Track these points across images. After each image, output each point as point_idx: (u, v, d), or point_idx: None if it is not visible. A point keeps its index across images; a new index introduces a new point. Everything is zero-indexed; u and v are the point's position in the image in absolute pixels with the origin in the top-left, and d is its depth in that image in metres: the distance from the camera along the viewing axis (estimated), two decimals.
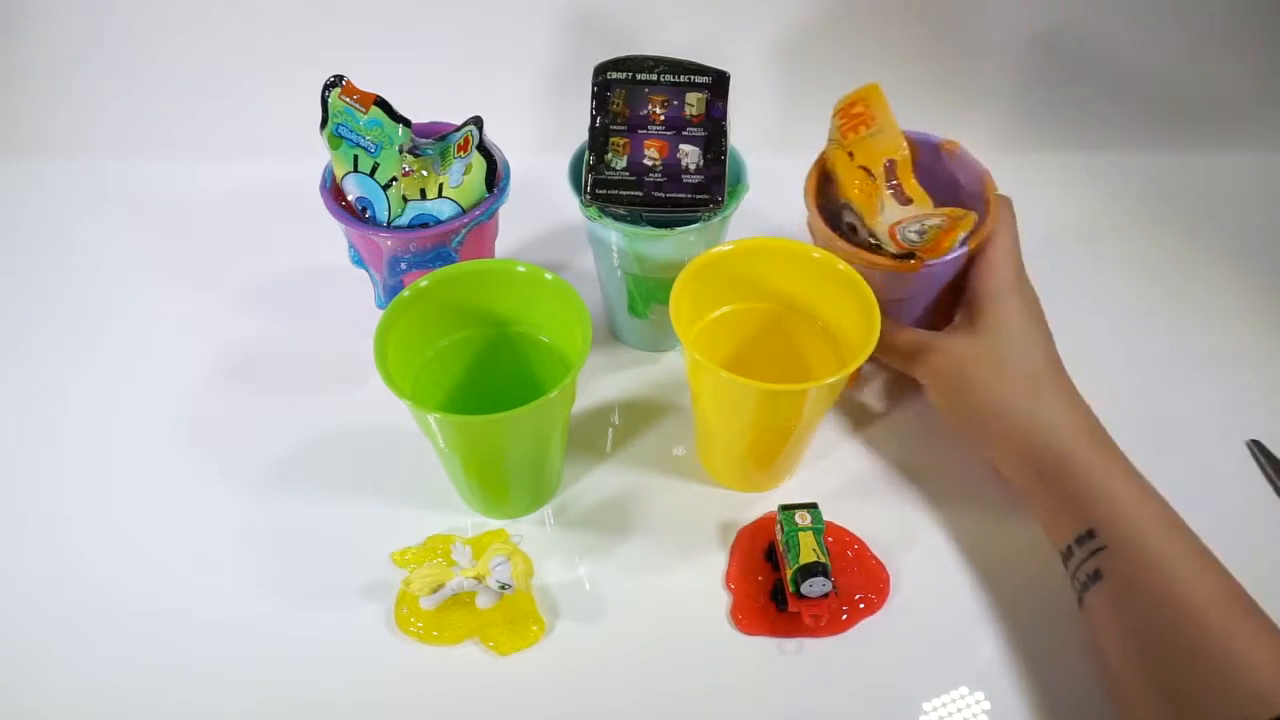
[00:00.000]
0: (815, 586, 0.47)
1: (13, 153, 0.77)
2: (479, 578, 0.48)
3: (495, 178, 0.56)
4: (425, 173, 0.54)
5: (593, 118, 0.55)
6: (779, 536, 0.50)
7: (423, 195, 0.54)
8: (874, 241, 0.53)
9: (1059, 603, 0.49)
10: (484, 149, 0.55)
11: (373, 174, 0.54)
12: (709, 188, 0.54)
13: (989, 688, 0.48)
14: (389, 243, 0.54)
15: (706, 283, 0.52)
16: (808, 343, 0.54)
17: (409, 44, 0.75)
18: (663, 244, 0.54)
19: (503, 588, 0.47)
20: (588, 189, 0.54)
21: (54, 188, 0.76)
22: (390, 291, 0.56)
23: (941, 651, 0.49)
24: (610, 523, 0.54)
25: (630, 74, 0.56)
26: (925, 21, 0.75)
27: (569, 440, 0.57)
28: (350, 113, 0.53)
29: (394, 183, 0.54)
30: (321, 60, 0.58)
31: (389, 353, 0.47)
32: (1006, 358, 0.50)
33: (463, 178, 0.54)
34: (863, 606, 0.50)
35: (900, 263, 0.51)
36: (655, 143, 0.55)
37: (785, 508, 0.50)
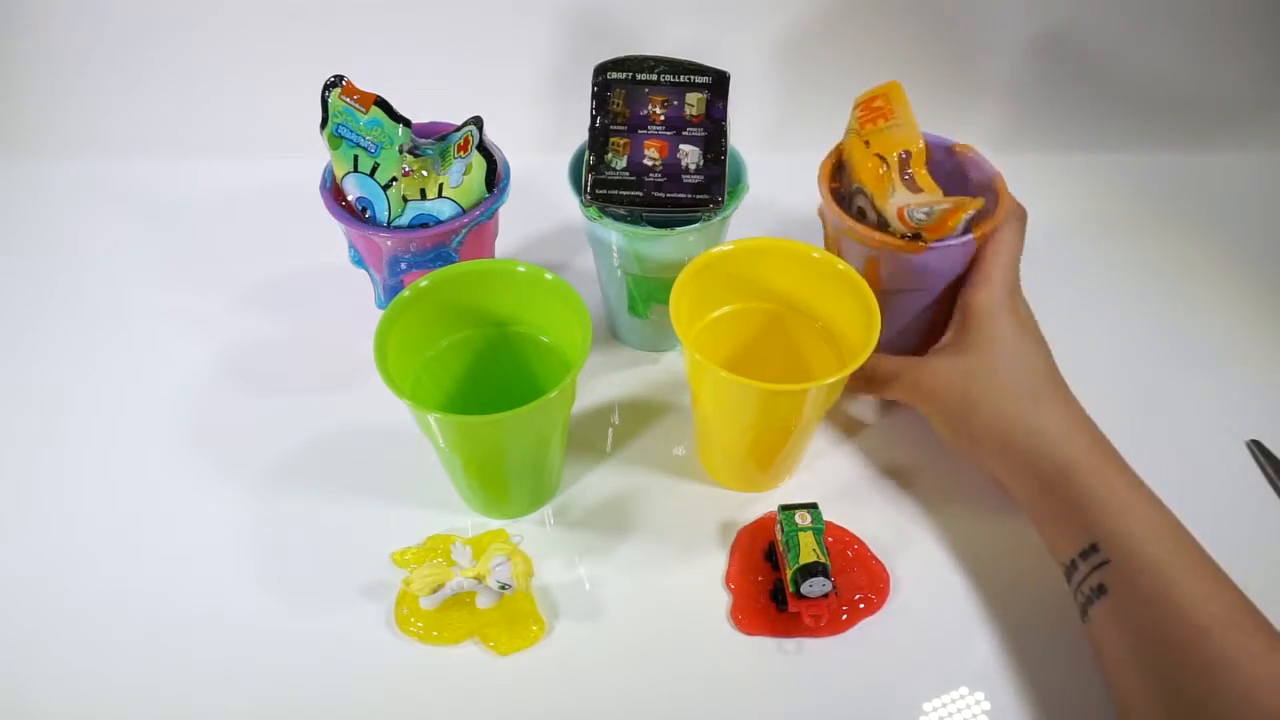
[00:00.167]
0: (815, 586, 0.47)
1: (13, 153, 0.77)
2: (479, 578, 0.48)
3: (495, 178, 0.56)
4: (425, 173, 0.54)
5: (593, 118, 0.55)
6: (779, 536, 0.50)
7: (423, 195, 0.54)
8: (883, 224, 0.53)
9: (1058, 603, 0.49)
10: (484, 149, 0.55)
11: (373, 174, 0.54)
12: (709, 188, 0.54)
13: (989, 688, 0.48)
14: (389, 243, 0.54)
15: (706, 283, 0.52)
16: (808, 343, 0.54)
17: (409, 44, 0.75)
18: (663, 244, 0.54)
19: (503, 588, 0.47)
20: (588, 189, 0.54)
21: (55, 188, 0.76)
22: (390, 291, 0.57)
23: (941, 651, 0.49)
24: (610, 523, 0.54)
25: (630, 74, 0.56)
26: (925, 21, 0.75)
27: (569, 440, 0.57)
28: (350, 113, 0.53)
29: (394, 183, 0.54)
30: (321, 60, 0.58)
31: (389, 353, 0.47)
32: (1001, 372, 0.50)
33: (463, 178, 0.54)
34: (863, 606, 0.50)
35: (907, 243, 0.51)
36: (655, 143, 0.55)
37: (785, 508, 0.50)
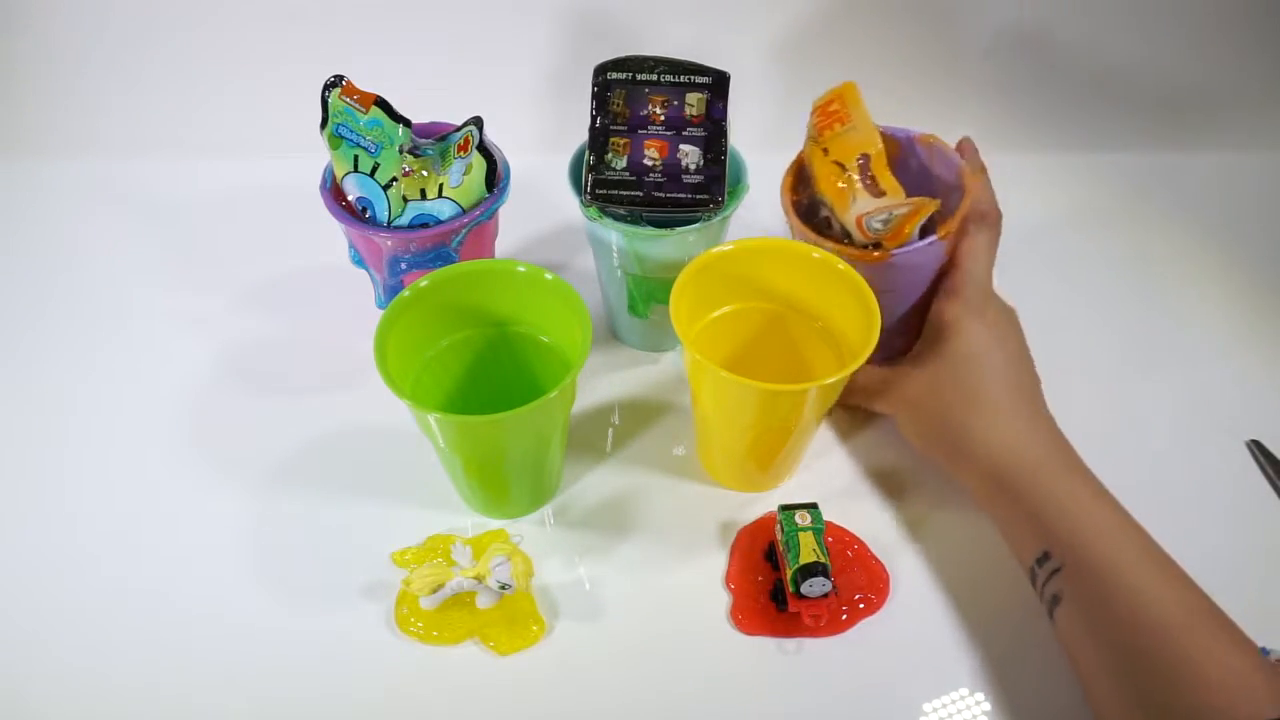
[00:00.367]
0: (815, 586, 0.47)
1: (13, 153, 0.77)
2: (479, 578, 0.48)
3: (495, 178, 0.56)
4: (425, 173, 0.54)
5: (593, 118, 0.55)
6: (779, 536, 0.50)
7: (423, 195, 0.54)
8: (846, 234, 0.53)
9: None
10: (484, 149, 0.55)
11: (373, 174, 0.54)
12: (709, 188, 0.54)
13: (989, 688, 0.48)
14: (389, 243, 0.54)
15: (706, 283, 0.52)
16: (808, 343, 0.54)
17: (409, 44, 0.75)
18: (663, 244, 0.54)
19: (503, 588, 0.47)
20: (588, 189, 0.54)
21: (55, 188, 0.76)
22: (390, 291, 0.56)
23: (941, 651, 0.49)
24: (610, 523, 0.54)
25: (630, 74, 0.56)
26: (925, 22, 0.75)
27: (569, 440, 0.57)
28: (350, 113, 0.53)
29: (394, 183, 0.54)
30: (321, 60, 0.58)
31: (389, 353, 0.47)
32: (963, 383, 0.50)
33: (463, 178, 0.54)
34: (863, 606, 0.50)
35: (865, 252, 0.51)
36: (655, 143, 0.55)
37: (785, 508, 0.50)
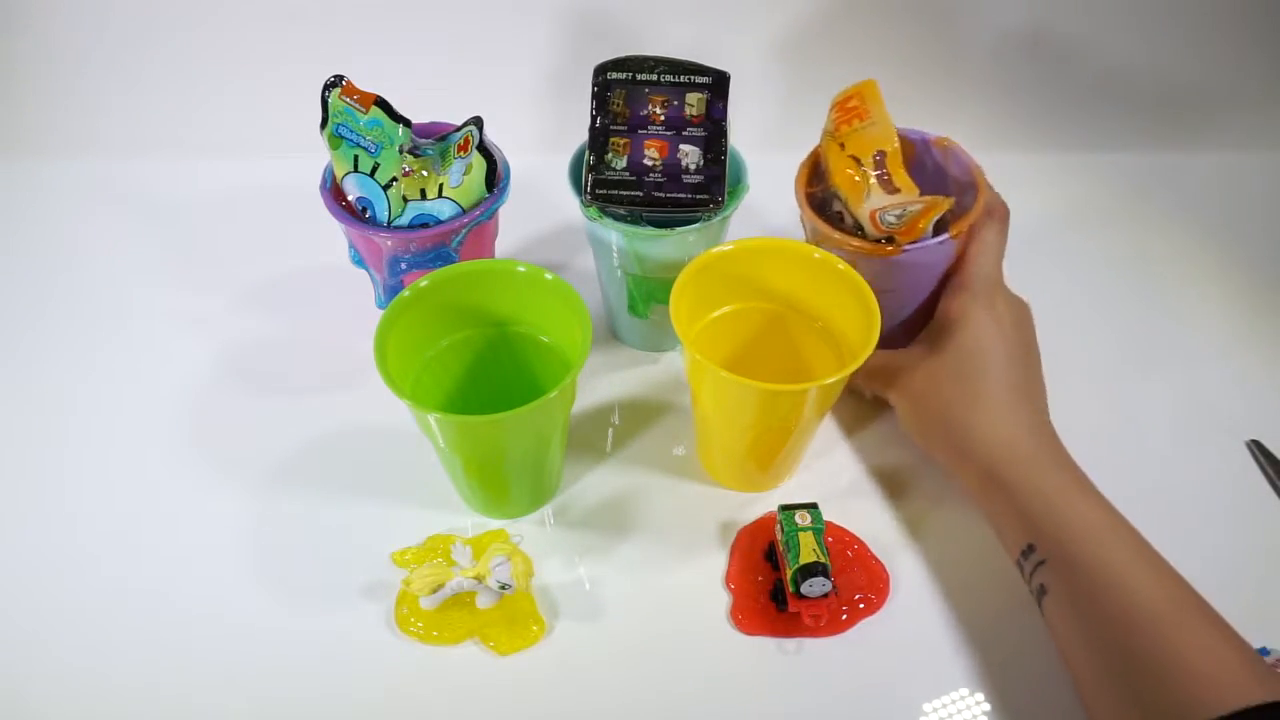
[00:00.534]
0: (815, 586, 0.47)
1: (13, 153, 0.77)
2: (479, 578, 0.48)
3: (495, 178, 0.56)
4: (425, 173, 0.54)
5: (593, 118, 0.55)
6: (779, 536, 0.50)
7: (423, 195, 0.54)
8: (859, 228, 0.53)
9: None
10: (484, 149, 0.55)
11: (373, 174, 0.54)
12: (709, 188, 0.54)
13: (989, 688, 0.48)
14: (389, 243, 0.54)
15: (706, 283, 0.52)
16: (808, 343, 0.54)
17: (409, 44, 0.75)
18: (663, 244, 0.54)
19: (503, 588, 0.47)
20: (588, 189, 0.54)
21: (55, 188, 0.76)
22: (390, 291, 0.57)
23: (941, 651, 0.49)
24: (610, 523, 0.54)
25: (630, 74, 0.56)
26: (926, 22, 0.75)
27: (569, 440, 0.57)
28: (350, 113, 0.53)
29: (394, 183, 0.54)
30: (321, 60, 0.58)
31: (389, 353, 0.47)
32: (958, 375, 0.51)
33: (463, 178, 0.54)
34: (863, 606, 0.50)
35: (878, 246, 0.51)
36: (655, 143, 0.55)
37: (785, 508, 0.50)
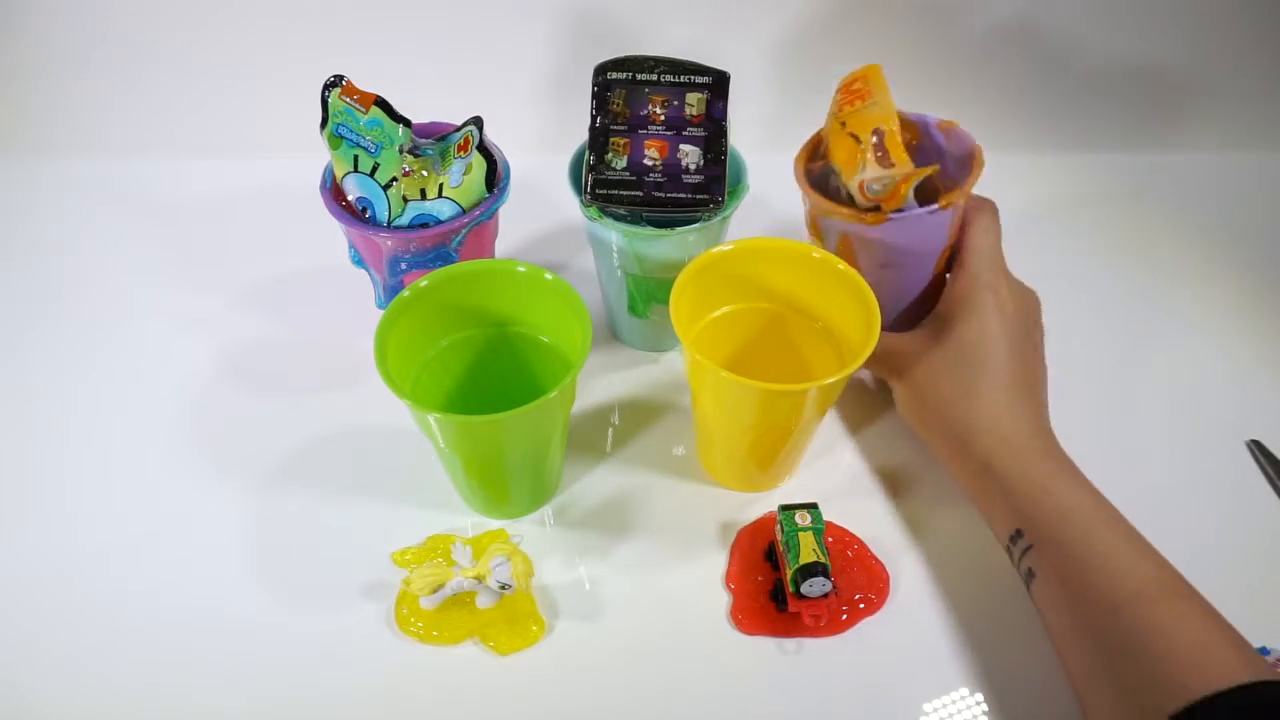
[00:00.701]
0: (815, 586, 0.47)
1: (13, 153, 0.77)
2: (479, 578, 0.48)
3: (495, 178, 0.56)
4: (425, 173, 0.54)
5: (593, 118, 0.55)
6: (779, 536, 0.50)
7: (423, 195, 0.54)
8: (851, 200, 0.53)
9: None
10: (484, 149, 0.55)
11: (373, 174, 0.54)
12: (709, 188, 0.54)
13: (989, 688, 0.48)
14: (389, 243, 0.54)
15: (706, 283, 0.52)
16: (808, 343, 0.54)
17: (409, 44, 0.75)
18: (663, 244, 0.54)
19: (503, 588, 0.47)
20: (588, 189, 0.54)
21: (55, 188, 0.76)
22: (390, 291, 0.57)
23: (941, 651, 0.49)
24: (610, 523, 0.54)
25: (630, 74, 0.56)
26: (925, 22, 0.75)
27: (569, 440, 0.57)
28: (350, 113, 0.53)
29: (394, 183, 0.54)
30: (321, 60, 0.58)
31: (389, 353, 0.47)
32: (957, 361, 0.51)
33: (463, 178, 0.54)
34: (863, 606, 0.50)
35: (863, 214, 0.51)
36: (655, 143, 0.55)
37: (785, 508, 0.50)
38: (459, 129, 0.55)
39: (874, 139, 0.52)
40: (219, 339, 0.64)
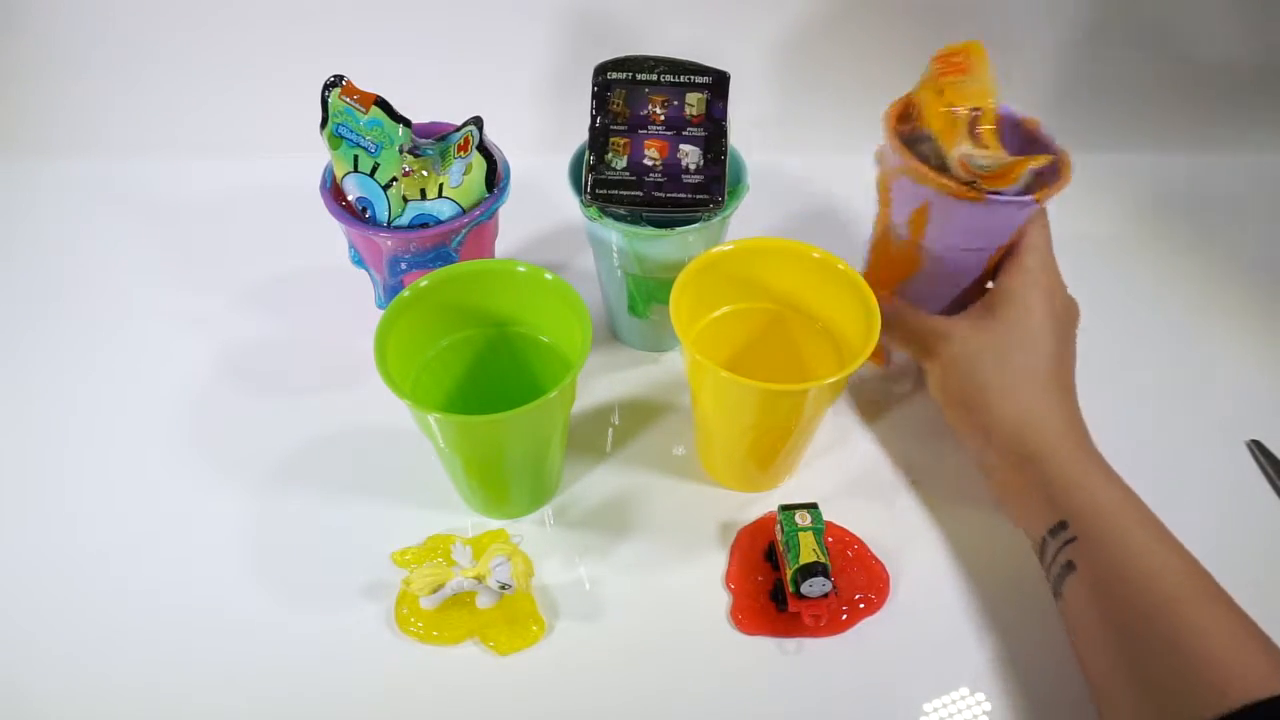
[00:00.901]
0: (815, 586, 0.47)
1: (13, 153, 0.77)
2: (479, 578, 0.48)
3: (495, 178, 0.56)
4: (425, 173, 0.54)
5: (593, 118, 0.55)
6: (779, 536, 0.50)
7: (423, 195, 0.54)
8: (943, 167, 0.52)
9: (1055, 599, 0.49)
10: (484, 149, 0.55)
11: (373, 174, 0.54)
12: (709, 188, 0.54)
13: (989, 688, 0.48)
14: (389, 243, 0.54)
15: (706, 283, 0.52)
16: (808, 343, 0.54)
17: (409, 44, 0.75)
18: (663, 244, 0.54)
19: (503, 588, 0.47)
20: (588, 189, 0.54)
21: (55, 188, 0.76)
22: (390, 291, 0.57)
23: (941, 651, 0.49)
24: (610, 523, 0.54)
25: (630, 74, 0.56)
26: (925, 22, 0.75)
27: (569, 440, 0.57)
28: (350, 113, 0.53)
29: (394, 183, 0.54)
30: (321, 60, 0.58)
31: (389, 353, 0.47)
32: (1006, 351, 0.51)
33: (463, 178, 0.54)
34: (863, 606, 0.50)
35: (963, 188, 0.50)
36: (655, 143, 0.55)
37: (785, 508, 0.50)
38: (459, 129, 0.55)
39: (970, 115, 0.51)
40: (219, 339, 0.64)
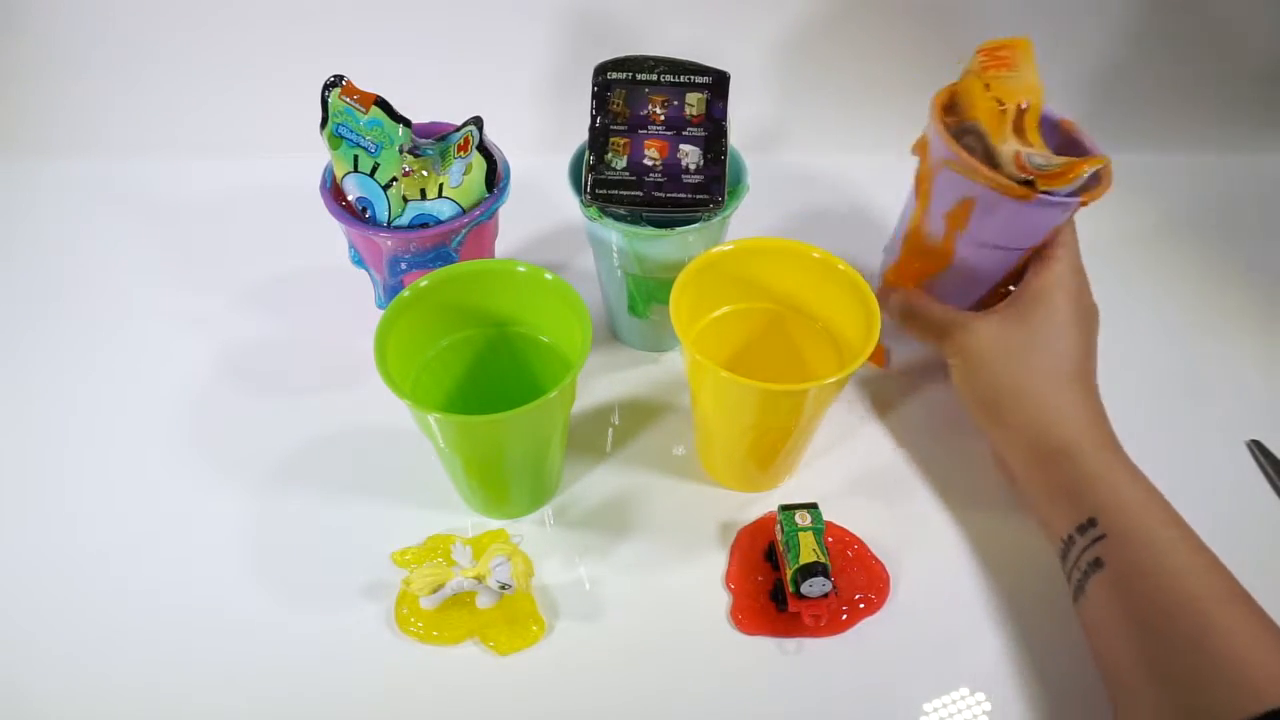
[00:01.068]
0: (815, 586, 0.47)
1: (13, 153, 0.77)
2: (479, 578, 0.48)
3: (495, 178, 0.56)
4: (425, 173, 0.54)
5: (593, 118, 0.55)
6: (779, 536, 0.50)
7: (423, 195, 0.54)
8: (991, 162, 0.51)
9: (1059, 603, 0.49)
10: (484, 149, 0.55)
11: (373, 174, 0.54)
12: (709, 188, 0.54)
13: (989, 688, 0.48)
14: (389, 243, 0.54)
15: (706, 283, 0.52)
16: (808, 343, 0.54)
17: (409, 44, 0.75)
18: (663, 244, 0.54)
19: (503, 588, 0.47)
20: (588, 189, 0.54)
21: (55, 188, 0.76)
22: (390, 291, 0.57)
23: (941, 651, 0.49)
24: (610, 523, 0.54)
25: (630, 74, 0.56)
26: (925, 22, 0.75)
27: (569, 440, 0.57)
28: (350, 113, 0.53)
29: (394, 183, 0.54)
30: (321, 60, 0.58)
31: (389, 353, 0.47)
32: (1035, 348, 0.51)
33: (463, 178, 0.54)
34: (863, 606, 0.50)
35: (1017, 186, 0.49)
36: (655, 143, 0.55)
37: (785, 508, 0.50)
38: (459, 129, 0.55)
39: (1018, 110, 0.51)
40: (219, 339, 0.64)
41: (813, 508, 0.50)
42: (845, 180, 0.74)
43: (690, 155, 0.54)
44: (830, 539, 0.51)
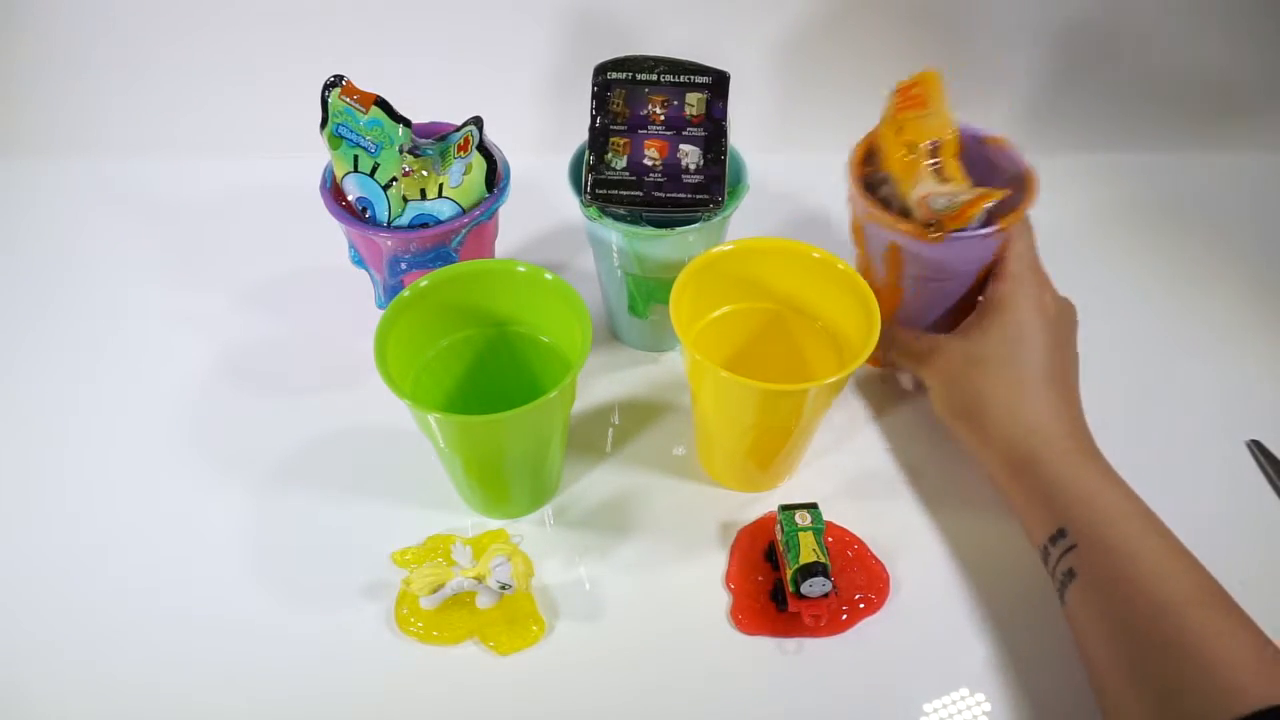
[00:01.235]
0: (815, 586, 0.47)
1: (13, 153, 0.77)
2: (479, 578, 0.48)
3: (495, 178, 0.56)
4: (425, 173, 0.54)
5: (593, 118, 0.55)
6: (779, 536, 0.50)
7: (423, 195, 0.54)
8: (905, 212, 0.52)
9: (1058, 603, 0.49)
10: (484, 149, 0.55)
11: (373, 174, 0.54)
12: (709, 188, 0.54)
13: (989, 688, 0.48)
14: (389, 243, 0.54)
15: (706, 283, 0.52)
16: (808, 343, 0.54)
17: (409, 44, 0.75)
18: (663, 244, 0.54)
19: (503, 588, 0.47)
20: (588, 189, 0.54)
21: (55, 188, 0.76)
22: (390, 291, 0.57)
23: (941, 651, 0.49)
24: (610, 523, 0.54)
25: (630, 74, 0.56)
26: (925, 22, 0.75)
27: (569, 440, 0.57)
28: (350, 113, 0.53)
29: (394, 183, 0.54)
30: (321, 60, 0.58)
31: (389, 353, 0.47)
32: (1000, 359, 0.51)
33: (463, 178, 0.54)
34: (863, 606, 0.50)
35: (923, 230, 0.50)
36: (655, 143, 0.55)
37: (785, 508, 0.50)
38: (459, 129, 0.55)
39: (929, 149, 0.52)
40: (219, 339, 0.64)
41: (813, 508, 0.50)
42: (846, 180, 0.74)
43: (690, 155, 0.54)
44: (830, 539, 0.51)
